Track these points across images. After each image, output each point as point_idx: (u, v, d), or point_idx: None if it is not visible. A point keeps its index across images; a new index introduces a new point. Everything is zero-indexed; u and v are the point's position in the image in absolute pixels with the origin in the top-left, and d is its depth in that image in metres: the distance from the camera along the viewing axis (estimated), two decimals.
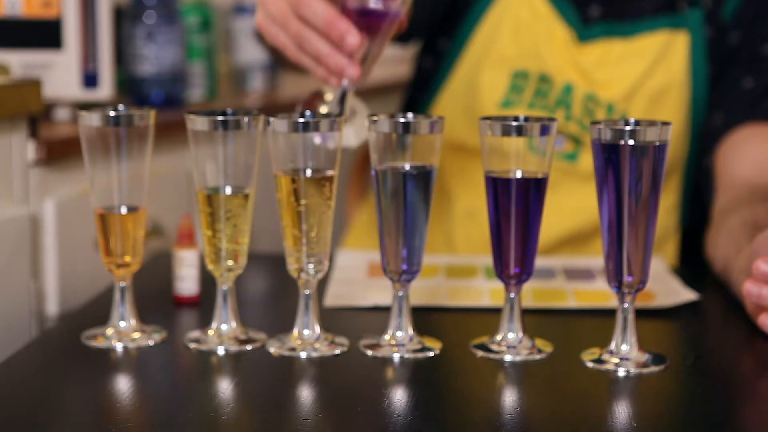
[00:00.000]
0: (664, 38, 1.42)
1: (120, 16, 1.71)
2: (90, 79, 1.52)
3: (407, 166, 0.96)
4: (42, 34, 1.49)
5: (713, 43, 1.42)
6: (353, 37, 1.07)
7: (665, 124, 0.94)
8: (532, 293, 1.16)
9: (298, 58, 1.12)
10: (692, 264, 1.45)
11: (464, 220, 1.48)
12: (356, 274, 1.23)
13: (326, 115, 1.00)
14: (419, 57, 1.56)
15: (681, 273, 1.26)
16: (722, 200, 1.32)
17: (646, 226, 0.94)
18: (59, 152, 1.34)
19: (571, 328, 1.08)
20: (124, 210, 1.01)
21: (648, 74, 1.41)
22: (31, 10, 1.47)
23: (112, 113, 1.00)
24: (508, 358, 0.97)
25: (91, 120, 1.00)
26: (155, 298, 1.14)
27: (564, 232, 1.44)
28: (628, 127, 0.93)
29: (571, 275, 1.23)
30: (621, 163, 0.93)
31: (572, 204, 1.43)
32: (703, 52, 1.41)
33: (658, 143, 0.94)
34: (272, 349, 0.98)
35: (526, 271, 0.98)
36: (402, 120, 0.96)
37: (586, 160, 1.43)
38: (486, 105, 1.43)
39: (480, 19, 1.45)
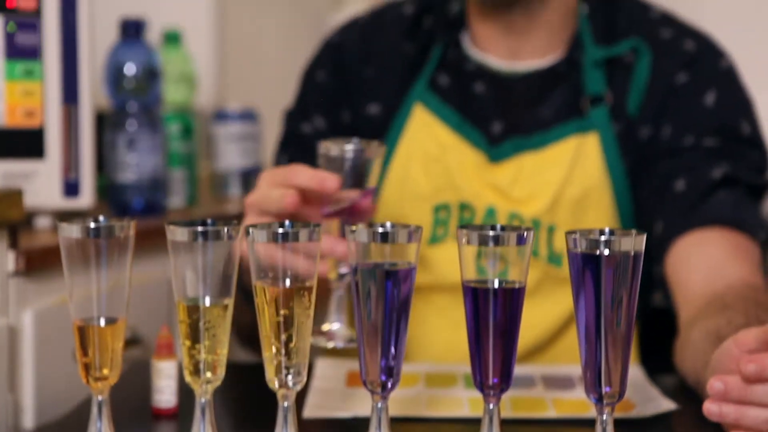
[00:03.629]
0: (574, 143, 1.42)
1: (101, 122, 1.73)
2: (71, 188, 1.53)
3: (386, 265, 0.97)
4: (24, 143, 1.50)
5: (623, 137, 1.42)
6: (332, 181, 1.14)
7: (639, 233, 0.95)
8: (511, 402, 1.16)
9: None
10: (651, 360, 1.45)
11: (437, 341, 1.46)
12: (335, 384, 1.22)
13: (305, 225, 1.01)
14: None
15: (655, 378, 1.26)
16: (684, 314, 1.32)
17: (624, 335, 0.95)
18: (39, 262, 1.34)
19: None
20: (102, 322, 1.01)
21: (566, 182, 1.41)
22: (14, 120, 1.49)
23: (92, 225, 1.00)
24: None
25: (72, 232, 1.00)
26: (133, 409, 1.13)
27: (521, 346, 1.43)
28: (603, 237, 0.95)
29: (550, 383, 1.23)
30: (597, 273, 0.94)
31: (525, 320, 1.42)
32: (615, 148, 1.42)
33: (633, 253, 0.95)
34: None
35: (505, 381, 0.98)
36: (380, 230, 0.97)
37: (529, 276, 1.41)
38: None
39: (390, 161, 1.47)
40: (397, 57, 1.50)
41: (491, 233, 0.96)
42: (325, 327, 1.19)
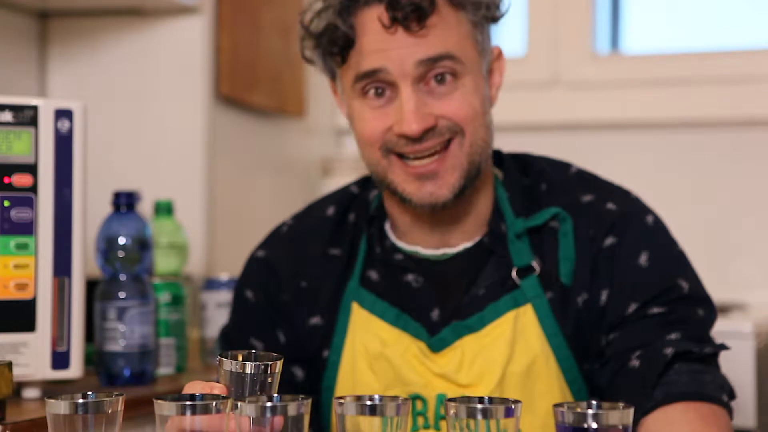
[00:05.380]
0: (511, 318, 1.41)
1: (92, 289, 1.73)
2: (60, 360, 1.52)
3: None
4: (15, 316, 1.50)
5: (557, 304, 1.41)
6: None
7: (627, 406, 0.96)
8: None
9: None
10: None
11: None
12: None
13: (293, 398, 1.02)
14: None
15: None
16: None
17: None
18: None
19: None
20: None
21: (508, 359, 1.40)
22: (6, 293, 1.49)
23: (80, 400, 1.00)
24: None
25: (59, 408, 1.00)
26: None
27: None
28: (590, 411, 0.95)
29: None
30: None
31: None
32: (551, 316, 1.41)
33: (621, 426, 0.95)
34: None
35: None
36: (368, 403, 0.98)
37: None
38: None
39: (339, 365, 1.47)
40: (327, 263, 1.51)
41: (479, 406, 0.97)
42: None
